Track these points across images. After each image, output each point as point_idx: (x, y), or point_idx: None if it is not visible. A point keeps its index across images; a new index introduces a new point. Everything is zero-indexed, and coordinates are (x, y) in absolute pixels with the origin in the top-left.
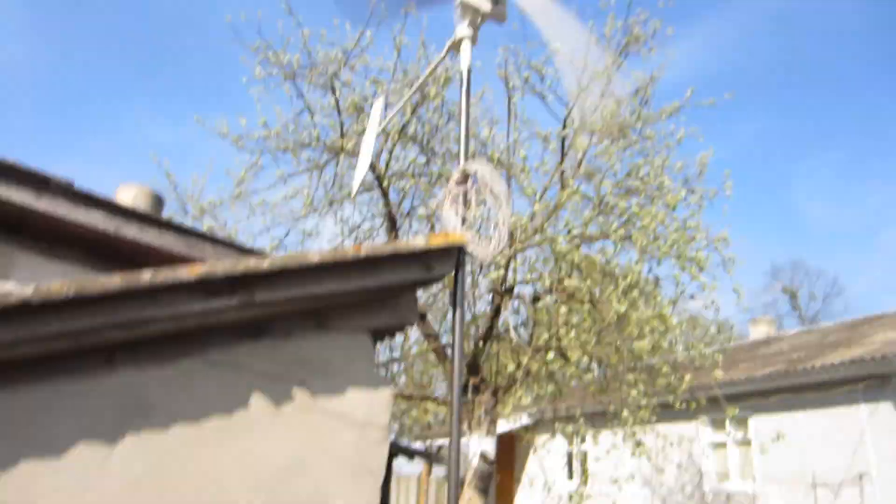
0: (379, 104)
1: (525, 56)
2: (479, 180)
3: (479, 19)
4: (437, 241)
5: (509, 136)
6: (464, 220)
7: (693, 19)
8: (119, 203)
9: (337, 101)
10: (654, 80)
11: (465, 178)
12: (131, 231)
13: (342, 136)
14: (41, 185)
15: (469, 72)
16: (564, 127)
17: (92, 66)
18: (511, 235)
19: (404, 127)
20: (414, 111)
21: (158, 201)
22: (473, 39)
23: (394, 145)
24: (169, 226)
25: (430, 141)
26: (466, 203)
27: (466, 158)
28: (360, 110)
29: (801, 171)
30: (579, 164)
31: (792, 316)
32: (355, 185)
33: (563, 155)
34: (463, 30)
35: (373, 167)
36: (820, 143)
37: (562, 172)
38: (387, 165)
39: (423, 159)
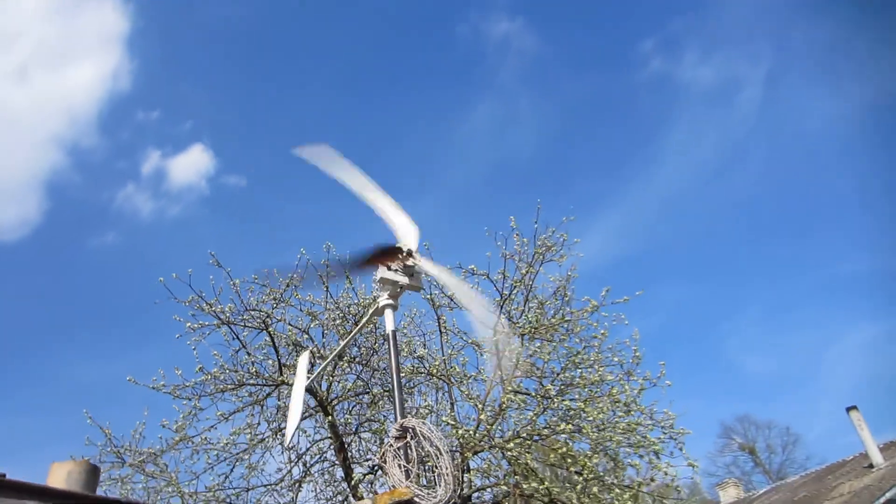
0: (304, 358)
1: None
2: (417, 434)
3: (399, 290)
4: (385, 501)
5: (443, 351)
6: (408, 473)
7: (601, 211)
8: (52, 487)
9: (273, 338)
10: (569, 279)
11: (403, 433)
12: None
13: (280, 369)
14: None
15: (394, 334)
16: (495, 333)
17: (10, 319)
18: (462, 453)
19: (342, 353)
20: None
21: (94, 472)
22: (395, 306)
23: (333, 369)
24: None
25: (369, 360)
26: (408, 457)
27: (402, 411)
28: (297, 344)
29: (728, 329)
30: (515, 365)
31: (756, 472)
32: (288, 435)
33: (499, 359)
34: (384, 299)
35: (314, 393)
36: (738, 302)
37: (501, 376)
38: (328, 390)
39: (366, 377)
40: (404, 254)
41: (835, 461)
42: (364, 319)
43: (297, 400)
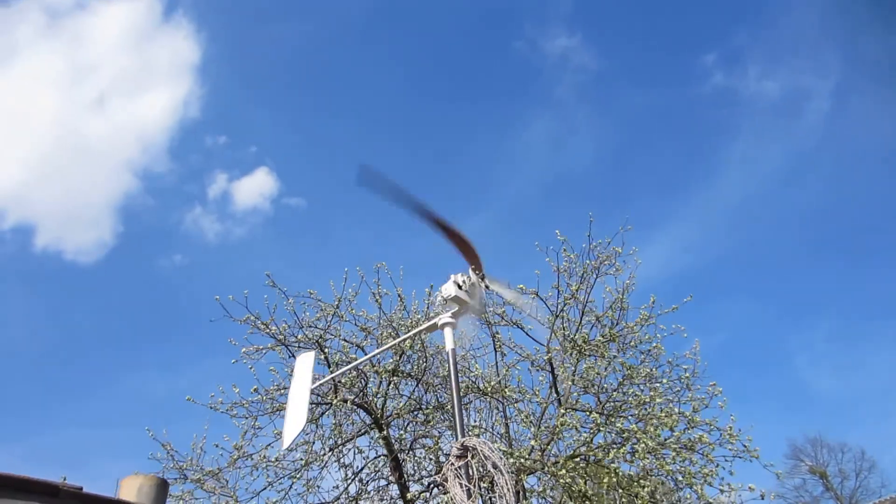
0: (308, 358)
1: (497, 296)
2: (478, 454)
3: (462, 311)
4: None
5: (498, 370)
6: (469, 493)
7: (662, 225)
8: (126, 501)
9: (326, 357)
10: (627, 289)
11: (464, 452)
12: None
13: (335, 387)
14: (52, 494)
15: (454, 353)
16: (549, 350)
17: (84, 336)
18: (517, 475)
19: (395, 369)
20: (402, 354)
21: (163, 486)
22: (454, 325)
23: (388, 387)
24: None
25: (423, 375)
26: (469, 476)
27: (463, 430)
28: (352, 360)
29: (797, 345)
30: (571, 381)
31: (826, 497)
32: (285, 440)
33: (553, 376)
34: (446, 318)
35: (369, 410)
36: (808, 315)
37: (557, 393)
38: (382, 408)
39: (419, 393)
40: (479, 269)
41: None
42: (413, 332)
43: (299, 403)
